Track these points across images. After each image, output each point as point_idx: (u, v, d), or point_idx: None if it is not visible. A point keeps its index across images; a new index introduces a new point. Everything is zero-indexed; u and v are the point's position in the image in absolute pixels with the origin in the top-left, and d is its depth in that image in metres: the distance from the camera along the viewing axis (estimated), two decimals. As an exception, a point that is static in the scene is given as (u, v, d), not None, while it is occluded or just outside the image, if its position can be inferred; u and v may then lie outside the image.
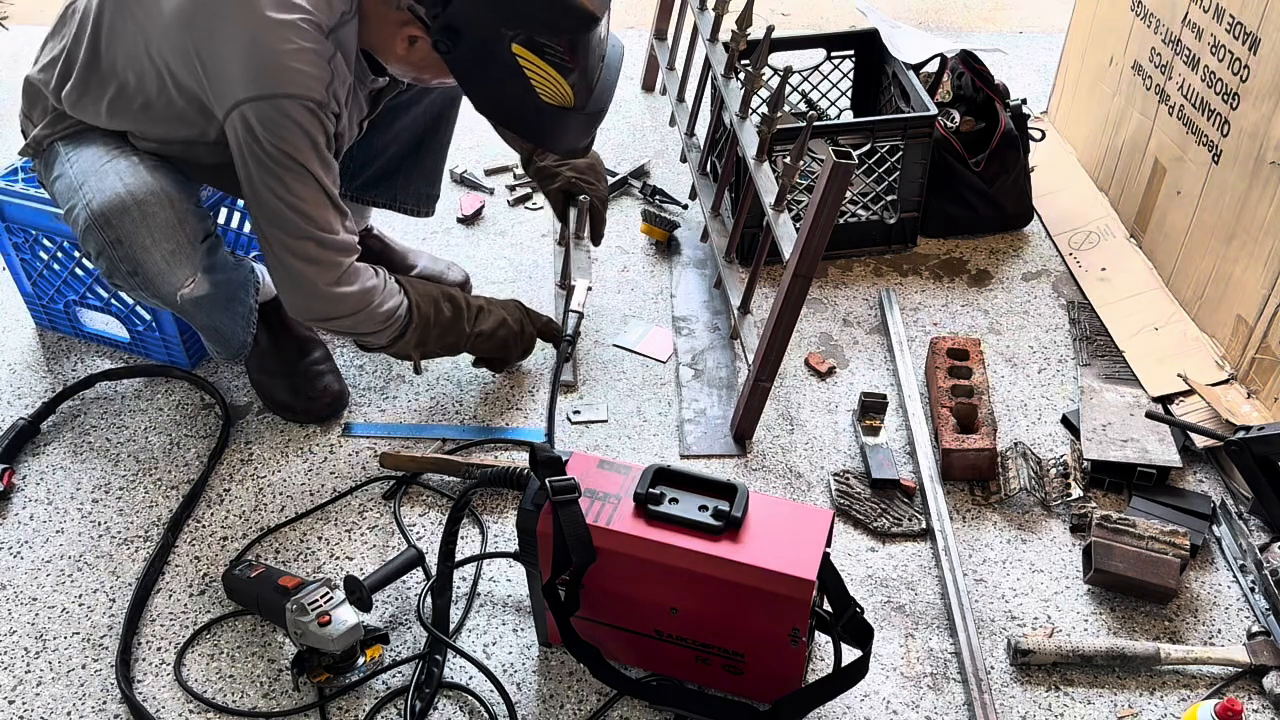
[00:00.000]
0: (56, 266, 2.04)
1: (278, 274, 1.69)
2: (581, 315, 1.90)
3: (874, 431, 1.91)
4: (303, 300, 1.70)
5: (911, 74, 2.31)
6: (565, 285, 2.22)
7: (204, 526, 1.80)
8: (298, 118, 1.55)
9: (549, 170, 2.07)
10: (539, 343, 2.03)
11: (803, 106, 2.59)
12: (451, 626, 1.64)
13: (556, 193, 2.08)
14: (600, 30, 1.60)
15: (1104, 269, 2.26)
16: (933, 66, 2.40)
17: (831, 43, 2.52)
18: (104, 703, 1.56)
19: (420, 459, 1.85)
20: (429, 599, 1.63)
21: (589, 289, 1.97)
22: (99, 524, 1.81)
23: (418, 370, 1.93)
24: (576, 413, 1.99)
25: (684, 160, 2.47)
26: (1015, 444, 1.89)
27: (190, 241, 1.66)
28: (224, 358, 1.94)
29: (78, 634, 1.65)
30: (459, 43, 1.55)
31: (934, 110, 2.20)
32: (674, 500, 1.44)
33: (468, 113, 2.17)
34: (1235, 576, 1.71)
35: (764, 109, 1.93)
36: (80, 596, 1.70)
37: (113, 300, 2.02)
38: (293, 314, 1.74)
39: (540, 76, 1.57)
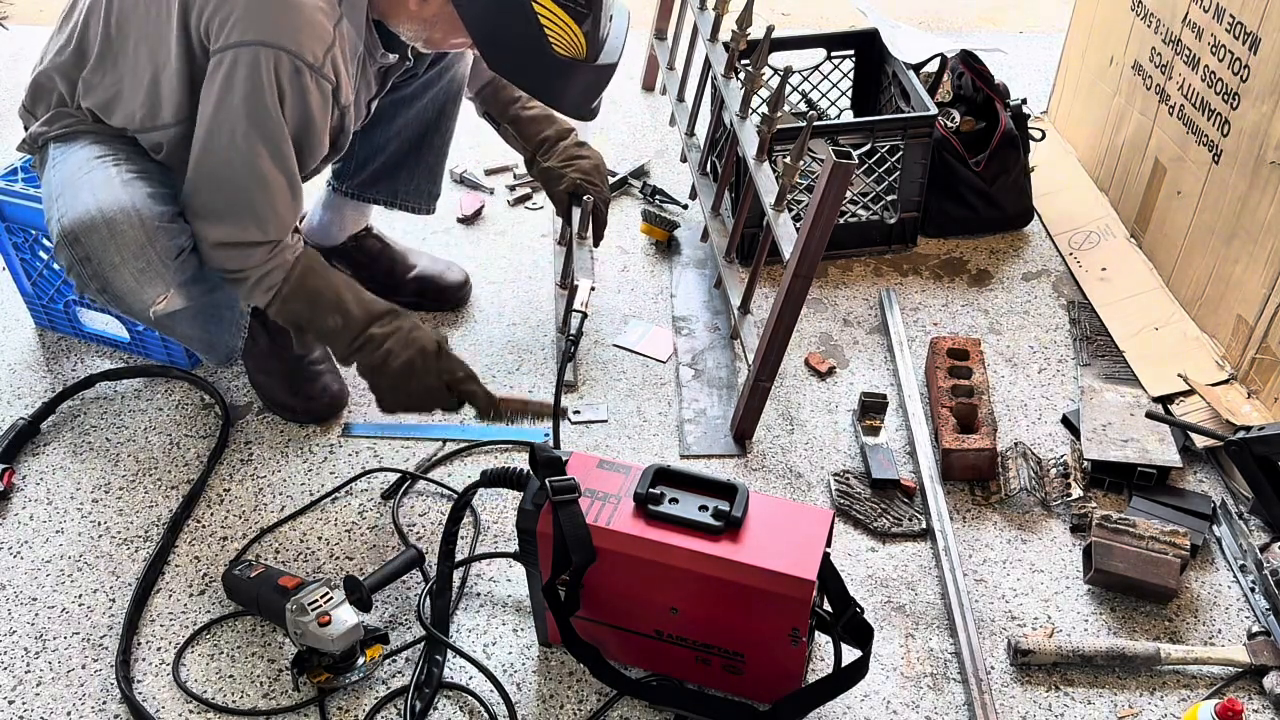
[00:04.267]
0: (56, 266, 2.04)
1: (187, 199, 1.64)
2: (585, 315, 1.90)
3: (874, 431, 1.91)
4: (197, 227, 1.65)
5: (911, 74, 2.31)
6: (567, 285, 2.22)
7: (204, 526, 1.80)
8: (283, 74, 1.54)
9: (554, 171, 2.07)
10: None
11: (803, 106, 2.59)
12: (452, 626, 1.64)
13: (561, 193, 2.08)
14: None
15: (1104, 269, 2.26)
16: (933, 66, 2.40)
17: (831, 43, 2.52)
18: (104, 703, 1.56)
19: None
20: (429, 599, 1.63)
21: (592, 288, 1.97)
22: (99, 524, 1.81)
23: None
24: (576, 413, 1.99)
25: (684, 160, 2.47)
26: (1015, 444, 1.89)
27: (161, 259, 1.63)
28: (213, 363, 1.94)
29: (78, 634, 1.65)
30: None
31: (934, 110, 2.20)
32: (674, 500, 1.44)
33: (469, 112, 2.17)
34: (1235, 576, 1.71)
35: (764, 109, 1.93)
36: (80, 596, 1.70)
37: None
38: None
39: (554, 24, 1.58)
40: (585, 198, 2.05)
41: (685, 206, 2.49)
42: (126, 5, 1.63)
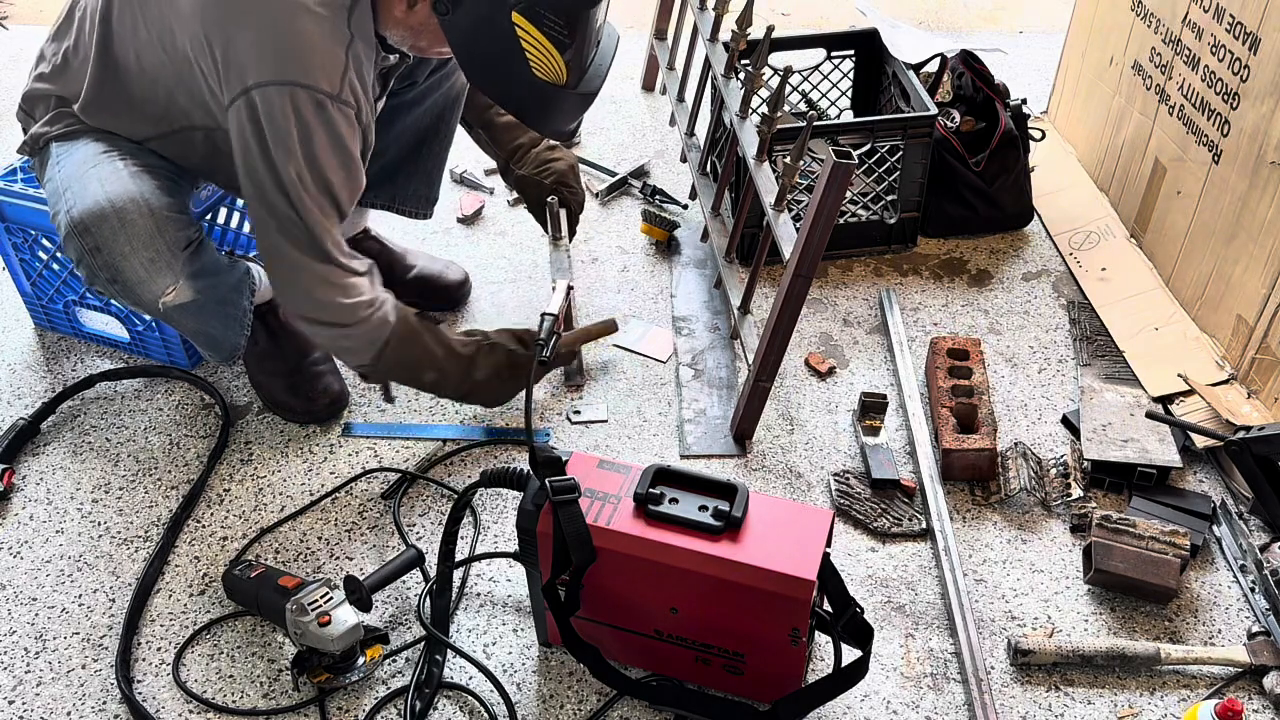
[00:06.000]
0: (56, 266, 2.04)
1: (263, 258, 1.68)
2: (555, 318, 1.89)
3: (874, 431, 1.91)
4: (276, 287, 1.71)
5: (911, 74, 2.31)
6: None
7: (204, 526, 1.80)
8: (302, 108, 1.53)
9: (530, 179, 2.08)
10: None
11: (803, 106, 2.59)
12: (452, 626, 1.64)
13: (539, 201, 2.10)
14: (600, 11, 1.60)
15: (1104, 269, 2.26)
16: (933, 66, 2.40)
17: (831, 43, 2.52)
18: (104, 703, 1.56)
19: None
20: (429, 599, 1.63)
21: (570, 288, 1.96)
22: (99, 524, 1.81)
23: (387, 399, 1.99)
24: (577, 413, 1.99)
25: (684, 160, 2.47)
26: (1015, 444, 1.89)
27: (170, 249, 1.65)
28: (217, 361, 1.94)
29: (78, 634, 1.65)
30: (459, 6, 1.54)
31: (934, 110, 2.20)
32: (674, 500, 1.44)
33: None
34: (1235, 576, 1.71)
35: (764, 109, 1.94)
36: (80, 596, 1.70)
37: (111, 300, 2.02)
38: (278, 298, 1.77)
39: (536, 49, 1.56)
40: (550, 199, 2.06)
41: (685, 206, 2.49)
42: (127, 28, 1.63)
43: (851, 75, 2.54)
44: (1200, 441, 1.86)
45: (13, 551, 1.77)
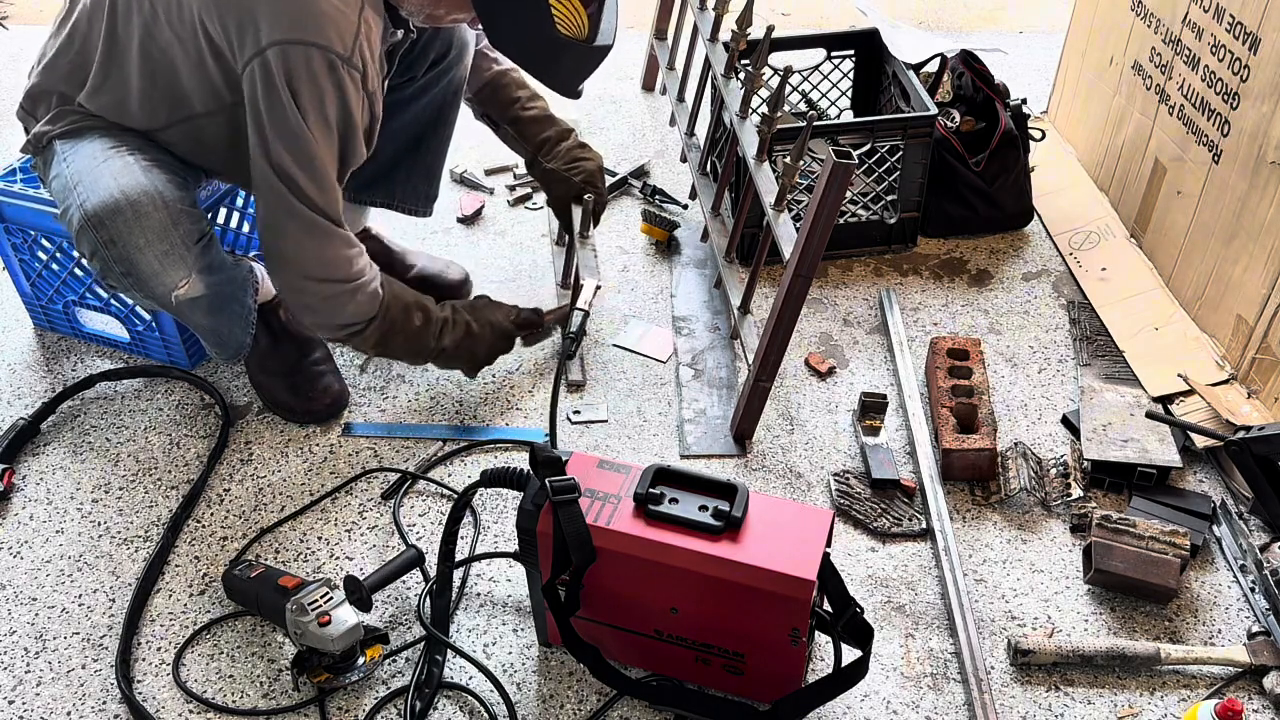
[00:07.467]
0: (55, 267, 2.04)
1: (266, 228, 1.68)
2: (586, 314, 1.90)
3: (874, 431, 1.91)
4: (280, 256, 1.70)
5: (911, 74, 2.31)
6: (568, 285, 2.23)
7: (204, 526, 1.80)
8: (316, 68, 1.55)
9: (558, 174, 2.08)
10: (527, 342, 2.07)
11: (803, 106, 2.59)
12: (452, 626, 1.64)
13: (564, 196, 2.09)
14: None
15: (1104, 269, 2.26)
16: (933, 66, 2.40)
17: (831, 43, 2.52)
18: (104, 703, 1.56)
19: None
20: (429, 599, 1.63)
21: (598, 287, 1.97)
22: (99, 524, 1.81)
23: (362, 369, 1.99)
24: (576, 413, 1.99)
25: (684, 160, 2.47)
26: (1015, 444, 1.89)
27: (184, 242, 1.66)
28: (222, 358, 1.94)
29: (78, 634, 1.65)
30: None
31: (934, 110, 2.20)
32: (674, 500, 1.44)
33: (468, 113, 2.17)
34: (1235, 576, 1.71)
35: (764, 109, 1.94)
36: (80, 596, 1.70)
37: (112, 300, 2.02)
38: (270, 273, 1.74)
39: (561, 4, 1.59)
40: (586, 197, 2.06)
41: (685, 206, 2.49)
42: (130, 10, 1.63)
43: (851, 75, 2.54)
44: (1200, 441, 1.86)
45: (13, 551, 1.77)
